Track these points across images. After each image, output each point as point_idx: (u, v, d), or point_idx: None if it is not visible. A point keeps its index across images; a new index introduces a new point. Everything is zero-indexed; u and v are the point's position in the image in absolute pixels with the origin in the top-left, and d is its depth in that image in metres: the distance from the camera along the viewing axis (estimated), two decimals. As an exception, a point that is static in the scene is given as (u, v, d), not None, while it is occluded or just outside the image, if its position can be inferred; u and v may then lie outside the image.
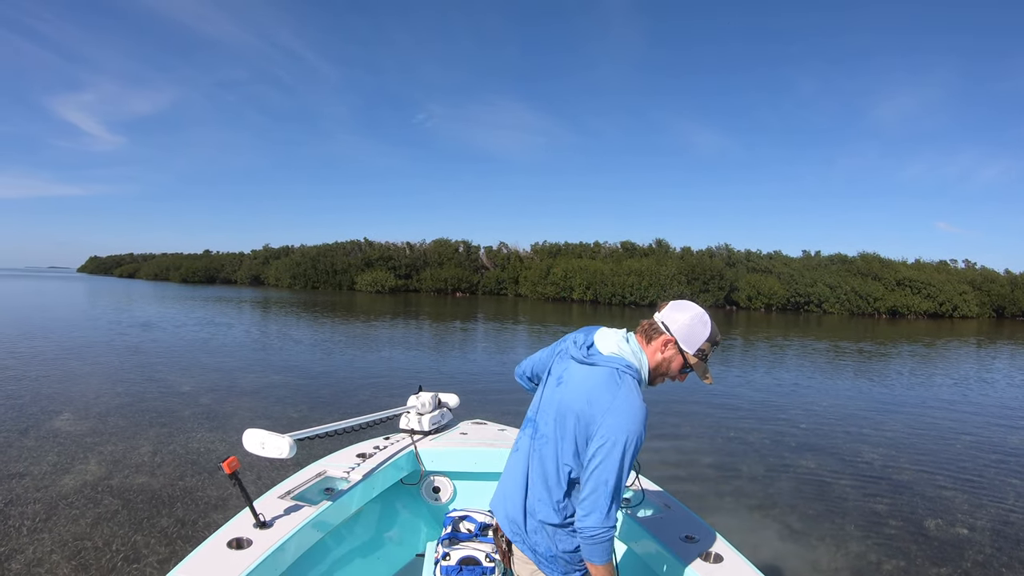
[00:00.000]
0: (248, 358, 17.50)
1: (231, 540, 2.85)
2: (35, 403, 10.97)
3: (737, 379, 16.57)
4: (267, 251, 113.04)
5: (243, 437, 3.27)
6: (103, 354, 17.31)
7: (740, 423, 11.28)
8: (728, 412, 12.17)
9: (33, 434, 9.04)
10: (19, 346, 18.35)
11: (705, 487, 7.82)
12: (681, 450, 9.41)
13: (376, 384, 14.03)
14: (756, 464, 8.85)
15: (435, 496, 4.50)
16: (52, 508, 6.40)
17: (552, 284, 78.65)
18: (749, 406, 12.86)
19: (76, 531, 5.89)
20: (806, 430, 10.95)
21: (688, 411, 12.07)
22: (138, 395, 11.83)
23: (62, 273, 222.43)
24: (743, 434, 10.50)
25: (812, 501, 7.48)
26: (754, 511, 7.10)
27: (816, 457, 9.31)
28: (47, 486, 7.01)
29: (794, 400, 13.79)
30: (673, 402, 12.82)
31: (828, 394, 14.74)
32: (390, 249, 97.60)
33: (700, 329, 2.55)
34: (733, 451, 9.49)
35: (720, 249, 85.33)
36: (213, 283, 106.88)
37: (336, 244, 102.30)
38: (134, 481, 7.24)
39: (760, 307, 72.02)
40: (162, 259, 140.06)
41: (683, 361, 2.59)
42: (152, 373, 14.36)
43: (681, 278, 71.66)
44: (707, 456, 9.10)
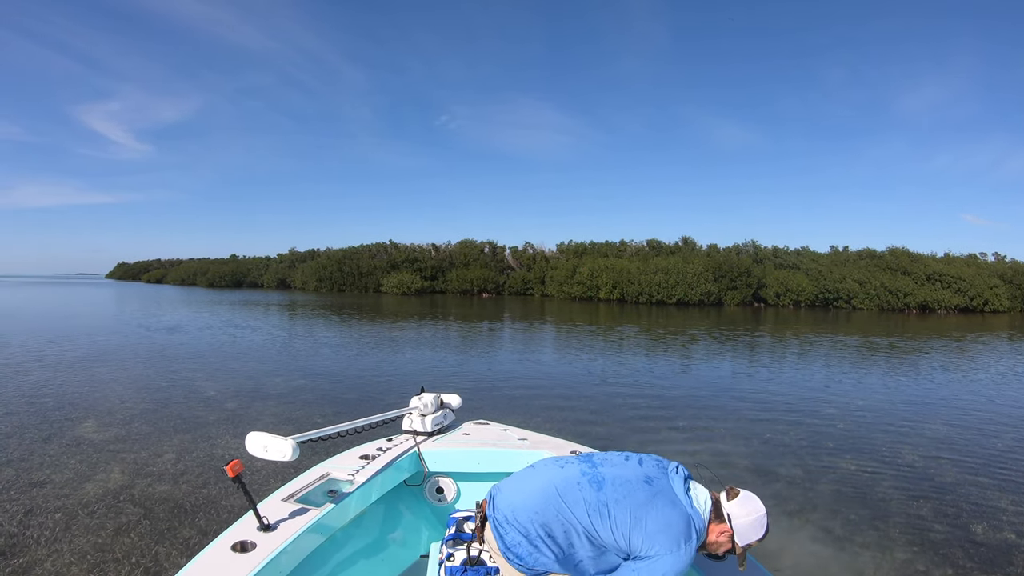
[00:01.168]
0: (274, 362, 17.38)
1: (235, 543, 2.90)
2: (59, 409, 10.87)
3: (770, 378, 16.24)
4: (293, 255, 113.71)
5: (246, 440, 3.32)
6: (128, 359, 17.26)
7: (776, 423, 10.98)
8: (763, 412, 11.86)
9: (56, 441, 8.93)
10: (45, 352, 18.35)
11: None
12: (717, 452, 9.13)
13: (406, 387, 13.82)
14: (794, 466, 8.55)
15: (439, 497, 4.56)
16: (72, 518, 6.26)
17: (578, 284, 78.37)
18: (784, 405, 12.54)
19: (96, 542, 5.74)
20: (843, 430, 10.62)
21: (722, 411, 11.83)
22: (162, 401, 11.71)
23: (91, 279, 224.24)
24: (779, 435, 10.21)
25: (854, 505, 7.19)
26: (795, 516, 6.82)
27: (855, 458, 9.01)
28: (68, 495, 6.87)
29: (829, 398, 13.45)
30: (706, 402, 12.58)
31: (863, 392, 14.38)
32: (415, 251, 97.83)
33: (755, 533, 2.82)
34: (770, 453, 9.20)
35: (747, 246, 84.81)
36: (240, 287, 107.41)
37: (362, 247, 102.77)
38: (156, 489, 7.08)
39: (788, 304, 71.29)
40: (189, 264, 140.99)
41: (731, 549, 2.85)
42: (177, 378, 14.28)
43: (708, 276, 71.05)
44: (743, 459, 8.82)
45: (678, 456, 8.65)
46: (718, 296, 71.20)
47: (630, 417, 11.20)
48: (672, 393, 13.69)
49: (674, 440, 9.68)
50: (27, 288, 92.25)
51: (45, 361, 16.59)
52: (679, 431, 10.26)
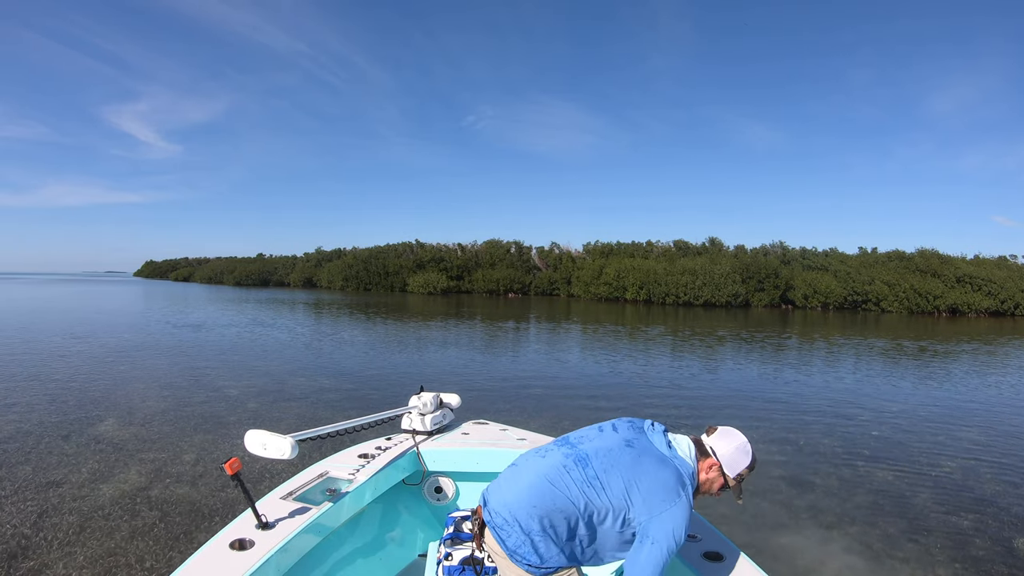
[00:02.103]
0: (298, 361, 17.25)
1: (233, 541, 2.89)
2: (80, 407, 10.79)
3: (801, 381, 15.90)
4: (319, 254, 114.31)
5: (245, 438, 3.30)
6: (152, 356, 17.23)
7: (809, 429, 10.68)
8: (796, 417, 11.56)
9: (75, 440, 8.82)
10: (69, 349, 18.38)
11: (778, 503, 7.26)
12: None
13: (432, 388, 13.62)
14: (830, 476, 8.26)
15: (437, 496, 4.57)
16: (87, 520, 6.12)
17: (605, 284, 78.12)
18: (816, 411, 12.22)
19: (110, 546, 5.59)
20: (878, 437, 10.31)
21: (754, 416, 11.53)
22: (184, 399, 11.59)
23: (119, 277, 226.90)
24: (813, 442, 9.90)
25: (892, 517, 6.90)
26: (832, 529, 6.54)
27: (892, 467, 8.70)
28: (84, 496, 6.74)
29: (862, 404, 13.10)
30: (736, 407, 12.30)
31: (896, 397, 14.02)
32: (442, 250, 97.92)
33: (742, 459, 2.89)
34: (805, 461, 8.90)
35: (775, 247, 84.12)
36: (266, 286, 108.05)
37: (388, 246, 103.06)
38: (174, 492, 6.93)
39: (817, 306, 70.49)
40: (216, 263, 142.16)
41: (723, 483, 2.90)
42: (200, 376, 14.19)
43: (735, 277, 70.49)
44: (777, 468, 8.52)
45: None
46: (745, 298, 70.63)
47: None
48: (701, 396, 13.42)
49: None
50: (56, 286, 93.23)
51: (69, 358, 16.58)
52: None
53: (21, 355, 17.06)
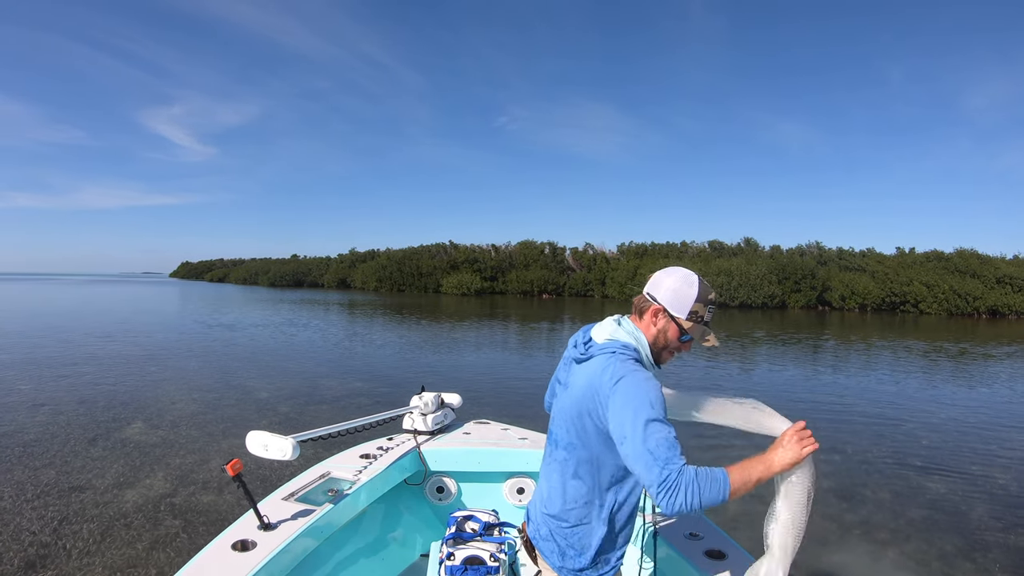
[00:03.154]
0: (331, 363, 17.10)
1: (235, 542, 2.86)
2: (108, 410, 10.68)
3: (843, 386, 15.45)
4: (353, 255, 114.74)
5: (246, 439, 3.30)
6: (183, 358, 17.17)
7: (856, 437, 10.28)
8: (841, 425, 11.17)
9: (101, 443, 8.68)
10: (101, 349, 18.44)
11: (828, 517, 6.88)
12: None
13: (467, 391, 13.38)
14: (881, 488, 7.88)
15: (439, 496, 4.55)
16: (108, 528, 5.95)
17: (639, 285, 76.94)
18: (862, 417, 11.81)
19: (130, 555, 5.41)
20: (928, 447, 9.89)
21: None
22: (214, 402, 11.45)
23: (155, 278, 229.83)
24: (861, 451, 9.50)
25: (948, 534, 6.53)
26: (888, 546, 6.19)
27: (945, 479, 8.28)
28: (107, 502, 6.57)
29: (908, 410, 12.67)
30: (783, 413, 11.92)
31: (942, 403, 13.55)
32: (475, 251, 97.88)
33: (686, 291, 2.39)
34: (854, 471, 8.52)
35: (811, 247, 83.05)
36: (300, 286, 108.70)
37: (421, 247, 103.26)
38: (199, 500, 6.73)
39: (854, 307, 69.42)
40: (251, 264, 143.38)
41: (678, 329, 2.41)
42: (230, 378, 14.07)
43: (772, 278, 69.64)
44: (827, 478, 8.13)
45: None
46: (782, 299, 69.74)
47: (699, 428, 10.60)
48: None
49: (748, 455, 8.96)
50: (93, 286, 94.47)
51: (101, 358, 16.58)
52: (752, 444, 9.53)
53: (54, 355, 17.09)
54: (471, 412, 5.18)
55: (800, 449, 2.20)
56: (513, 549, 3.35)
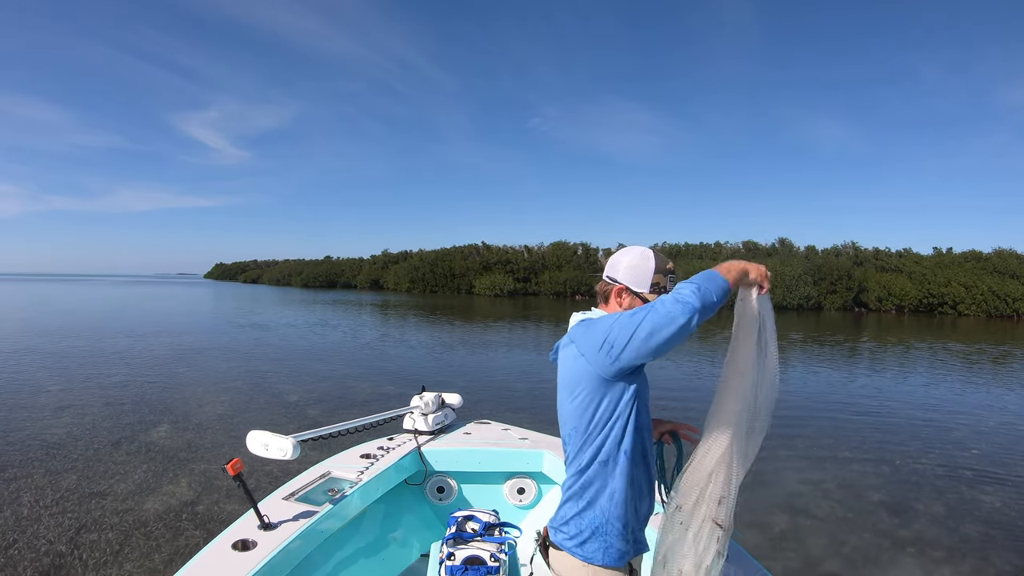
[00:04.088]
0: (363, 364, 16.85)
1: (236, 542, 2.87)
2: (135, 411, 10.47)
3: (885, 391, 14.93)
4: (386, 256, 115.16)
5: (247, 438, 3.33)
6: (213, 359, 17.02)
7: (903, 446, 9.78)
8: (887, 432, 10.66)
9: (125, 447, 8.45)
10: (131, 350, 18.39)
11: (880, 533, 6.43)
12: (844, 482, 8.00)
13: (502, 394, 13.08)
14: (933, 501, 7.41)
15: (439, 496, 4.56)
16: (127, 537, 5.68)
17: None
18: (908, 425, 11.31)
19: (147, 567, 5.16)
20: (980, 456, 9.38)
21: (842, 430, 10.70)
22: (242, 405, 11.22)
23: (190, 279, 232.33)
24: (910, 461, 9.02)
25: (1007, 552, 6.05)
26: (943, 564, 5.76)
27: (999, 491, 7.79)
28: (127, 509, 6.30)
29: (954, 416, 12.11)
30: (822, 419, 11.51)
31: (992, 409, 12.99)
32: (508, 252, 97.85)
33: (644, 264, 2.47)
34: (903, 483, 8.05)
35: (846, 247, 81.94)
36: (333, 287, 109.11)
37: (454, 248, 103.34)
38: (223, 509, 6.44)
39: (891, 308, 68.09)
40: (284, 265, 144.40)
41: (643, 303, 2.36)
42: (260, 380, 13.84)
43: (807, 279, 68.63)
44: (876, 491, 7.70)
45: (803, 486, 7.75)
46: (818, 300, 68.73)
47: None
48: (781, 407, 12.59)
49: (795, 466, 8.56)
50: (128, 287, 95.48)
51: (130, 359, 16.48)
52: (798, 455, 9.14)
53: (85, 355, 17.04)
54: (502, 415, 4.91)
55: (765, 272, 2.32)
56: (513, 549, 3.38)
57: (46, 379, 13.46)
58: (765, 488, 7.56)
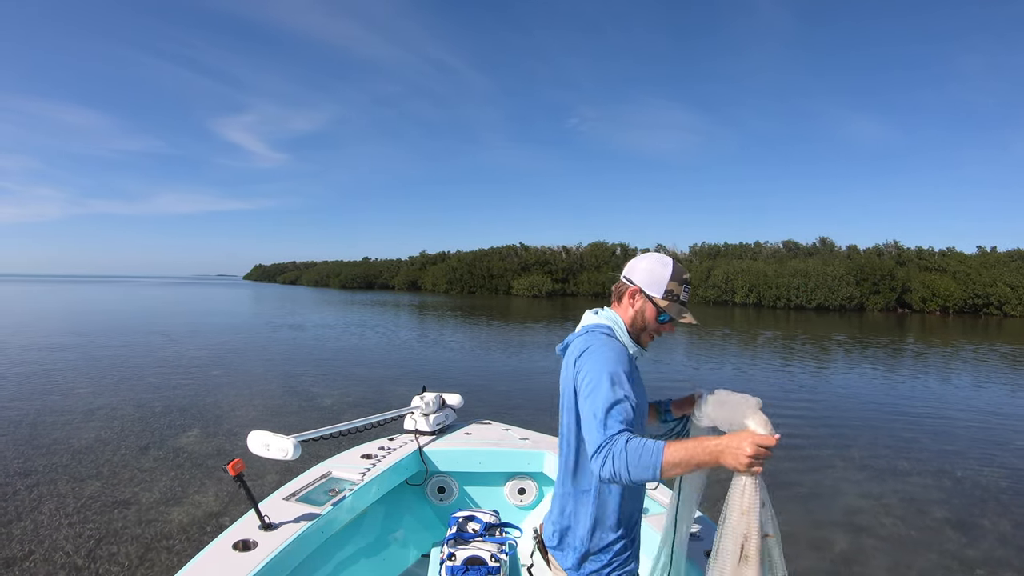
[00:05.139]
0: (400, 367, 16.60)
1: (237, 542, 2.85)
2: (164, 415, 10.25)
3: (938, 396, 14.33)
4: (424, 257, 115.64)
5: (248, 438, 3.29)
6: (248, 361, 16.86)
7: (963, 457, 9.22)
8: (944, 442, 10.09)
9: (153, 452, 8.19)
10: (166, 351, 18.38)
11: (948, 554, 5.91)
12: (905, 496, 7.49)
13: (540, 398, 12.72)
14: (1000, 517, 6.86)
15: (440, 497, 4.55)
16: (148, 550, 5.40)
17: (713, 287, 76.46)
18: (966, 433, 10.70)
19: (167, 585, 4.82)
20: (1048, 466, 8.86)
21: (899, 439, 10.17)
22: (275, 410, 10.97)
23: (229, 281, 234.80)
24: (972, 472, 8.45)
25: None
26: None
27: (1076, 505, 7.29)
28: (151, 520, 6.02)
29: (1014, 424, 11.50)
30: (877, 427, 11.01)
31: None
32: (546, 253, 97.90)
33: (660, 270, 2.41)
34: (966, 496, 7.52)
35: (888, 247, 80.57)
36: (371, 288, 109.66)
37: (492, 249, 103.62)
38: (249, 518, 6.13)
39: (935, 309, 66.61)
40: (322, 266, 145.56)
41: (655, 308, 2.41)
42: (295, 384, 13.60)
43: (850, 279, 67.60)
44: (938, 506, 7.18)
45: (862, 500, 7.30)
46: (860, 301, 67.61)
47: (792, 444, 9.73)
48: (835, 413, 12.07)
49: (852, 478, 8.07)
50: (169, 288, 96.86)
51: (164, 360, 16.42)
52: (855, 465, 8.63)
53: (118, 356, 17.01)
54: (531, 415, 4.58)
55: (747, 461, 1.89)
56: (514, 549, 3.40)
57: (78, 380, 13.35)
58: (822, 502, 7.12)
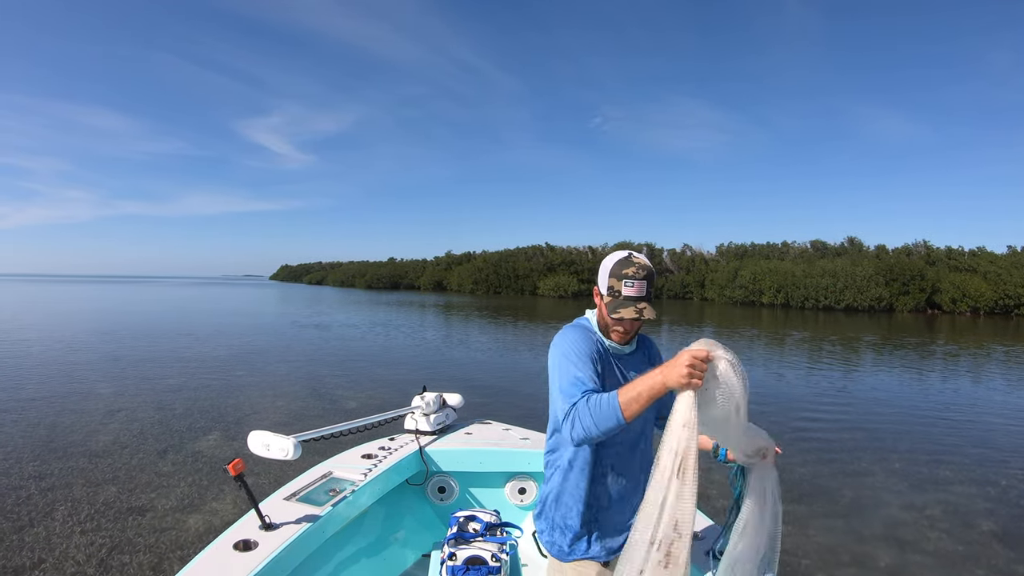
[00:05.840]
0: (427, 369, 16.38)
1: (237, 542, 2.84)
2: (185, 417, 10.08)
3: (976, 399, 13.94)
4: (449, 257, 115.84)
5: (248, 438, 3.28)
6: (273, 362, 16.71)
7: (1007, 464, 8.77)
8: (987, 448, 9.65)
9: (172, 456, 8.00)
10: (189, 351, 18.37)
11: (996, 570, 5.53)
12: (950, 507, 7.09)
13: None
14: (1052, 528, 6.56)
15: (440, 496, 4.54)
16: (161, 561, 5.18)
17: (740, 287, 75.81)
18: (1007, 438, 10.28)
19: (180, 599, 4.58)
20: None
21: (939, 446, 9.77)
22: (298, 413, 10.75)
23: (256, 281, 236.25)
24: (1016, 482, 7.99)
25: None
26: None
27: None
28: (165, 528, 5.80)
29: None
30: (916, 433, 10.63)
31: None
32: (572, 254, 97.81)
33: (604, 266, 2.42)
34: (1013, 507, 7.12)
35: (918, 246, 79.42)
36: (397, 289, 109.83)
37: (517, 249, 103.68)
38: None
39: (965, 311, 65.35)
40: (348, 267, 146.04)
41: (616, 305, 2.35)
42: (319, 385, 13.44)
43: (879, 279, 66.66)
44: (984, 519, 6.77)
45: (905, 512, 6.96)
46: (889, 301, 66.68)
47: (830, 449, 9.39)
48: (871, 417, 11.64)
49: (894, 488, 7.68)
50: (196, 288, 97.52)
51: (187, 360, 16.36)
52: (895, 474, 8.24)
53: (142, 356, 17.00)
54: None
55: (685, 372, 1.91)
56: (515, 549, 3.44)
57: (100, 381, 13.26)
58: (864, 514, 6.78)
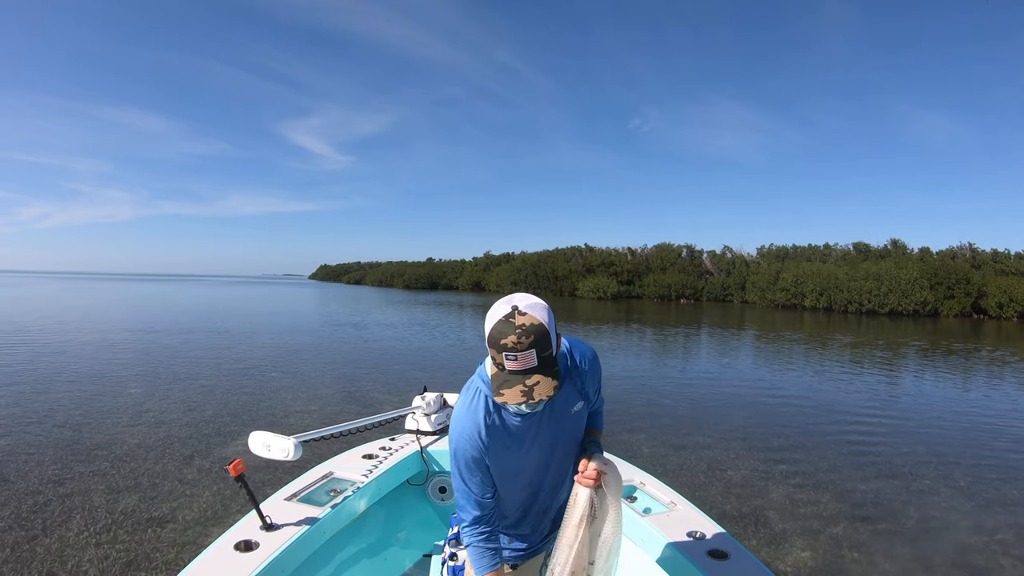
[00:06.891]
0: (467, 372, 15.87)
1: (238, 542, 2.82)
2: (215, 420, 9.83)
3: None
4: (488, 258, 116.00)
5: (249, 439, 3.27)
6: (308, 363, 16.48)
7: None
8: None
9: (198, 462, 7.71)
10: (225, 351, 18.35)
11: None
12: (1021, 531, 6.70)
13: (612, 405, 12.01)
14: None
15: (441, 496, 4.49)
16: None
17: (782, 290, 74.83)
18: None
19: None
20: None
21: (1004, 461, 9.21)
22: (331, 418, 10.42)
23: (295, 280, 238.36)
24: None
25: None
26: None
27: None
28: (186, 543, 5.50)
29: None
30: (977, 448, 10.09)
31: None
32: (611, 255, 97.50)
33: (486, 328, 1.98)
34: None
35: (963, 249, 77.96)
36: (435, 289, 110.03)
37: (557, 250, 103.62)
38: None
39: (1013, 316, 63.76)
40: (387, 267, 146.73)
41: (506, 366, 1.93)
42: (354, 387, 13.15)
43: (924, 283, 65.30)
44: None
45: (976, 537, 6.45)
46: (934, 306, 65.29)
47: (890, 464, 8.89)
48: (929, 429, 11.04)
49: (961, 509, 7.12)
50: (236, 287, 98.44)
51: (221, 360, 16.28)
52: (961, 493, 7.66)
53: (175, 355, 16.98)
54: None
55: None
56: None
57: (131, 380, 13.13)
58: (932, 538, 6.24)
